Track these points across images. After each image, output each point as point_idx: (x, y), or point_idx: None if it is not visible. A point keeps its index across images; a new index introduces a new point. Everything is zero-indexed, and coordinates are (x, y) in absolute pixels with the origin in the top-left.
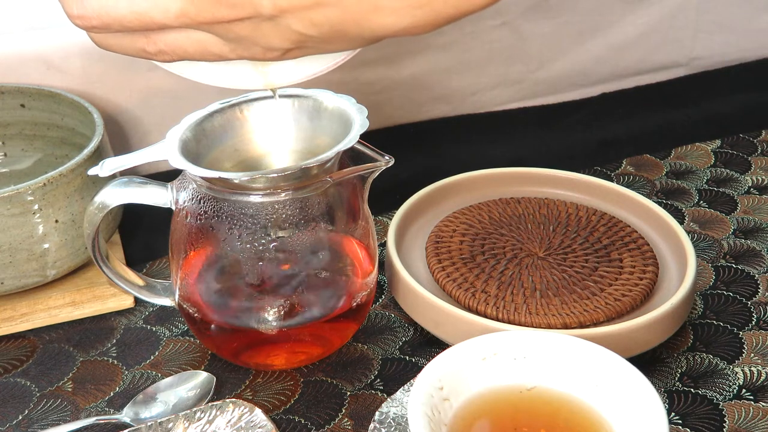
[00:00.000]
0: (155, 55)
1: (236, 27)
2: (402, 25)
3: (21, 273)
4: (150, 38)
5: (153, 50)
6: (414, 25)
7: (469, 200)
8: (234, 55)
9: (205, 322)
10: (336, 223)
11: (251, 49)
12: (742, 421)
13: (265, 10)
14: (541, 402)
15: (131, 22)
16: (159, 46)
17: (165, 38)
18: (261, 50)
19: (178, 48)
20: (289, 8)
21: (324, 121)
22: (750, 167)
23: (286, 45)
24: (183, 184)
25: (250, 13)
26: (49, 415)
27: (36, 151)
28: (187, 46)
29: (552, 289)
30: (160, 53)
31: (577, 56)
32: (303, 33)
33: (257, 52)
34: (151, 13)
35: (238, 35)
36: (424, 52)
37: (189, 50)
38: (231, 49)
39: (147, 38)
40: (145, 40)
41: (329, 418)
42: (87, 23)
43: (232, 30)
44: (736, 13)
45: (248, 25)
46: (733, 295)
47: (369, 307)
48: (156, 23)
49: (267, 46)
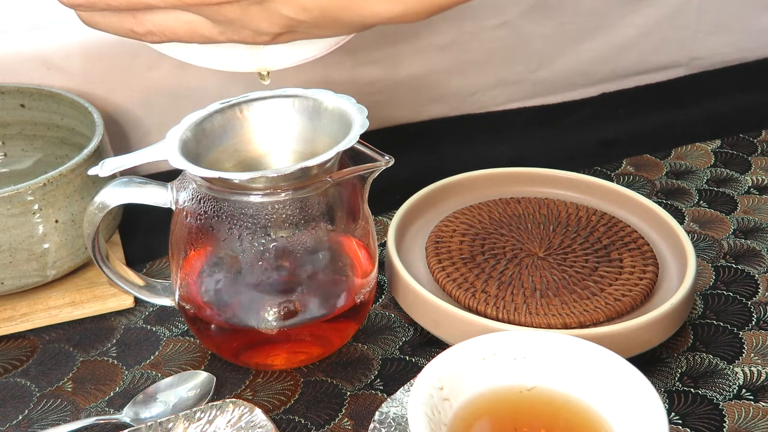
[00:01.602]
0: (144, 36)
1: (225, 9)
2: (394, 12)
3: (21, 273)
4: (138, 18)
5: (141, 31)
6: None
7: (469, 200)
8: (223, 38)
9: (205, 322)
10: (336, 223)
11: (241, 32)
12: (742, 421)
13: None
14: (541, 402)
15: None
16: (147, 26)
17: (153, 18)
18: (251, 34)
19: (166, 29)
20: None
21: (324, 121)
22: (750, 167)
23: (276, 29)
24: (183, 184)
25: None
26: (49, 415)
27: (36, 151)
28: (176, 28)
29: (552, 289)
30: (149, 34)
31: (577, 56)
32: (293, 18)
33: (247, 35)
34: None
35: (227, 18)
36: (424, 52)
37: (178, 32)
38: (220, 31)
39: (135, 18)
40: (133, 20)
41: (329, 418)
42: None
43: (220, 12)
44: (736, 13)
45: (237, 8)
46: (733, 295)
47: (369, 307)
48: (143, 3)
49: (256, 29)
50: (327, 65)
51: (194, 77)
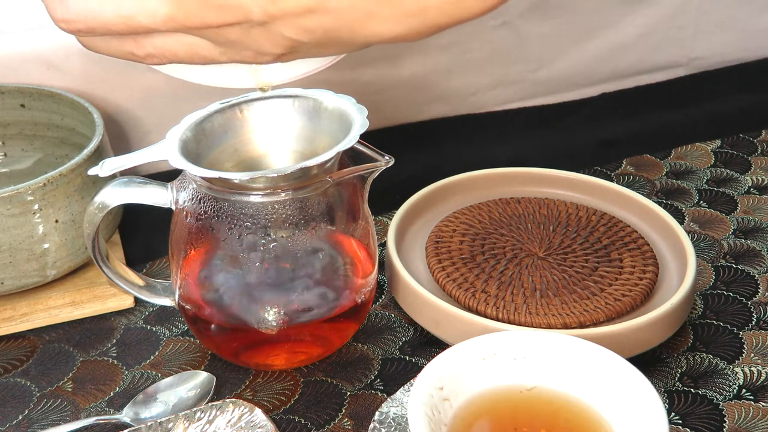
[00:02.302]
0: (144, 59)
1: (226, 32)
2: (395, 32)
3: (21, 273)
4: (138, 42)
5: (142, 54)
6: (407, 33)
7: (469, 200)
8: (225, 59)
9: (205, 322)
10: (336, 223)
11: (242, 53)
12: (742, 421)
13: (255, 16)
14: (541, 402)
15: (117, 26)
16: (148, 49)
17: (154, 42)
18: (252, 54)
19: (167, 51)
20: (279, 15)
21: (324, 121)
22: (750, 167)
23: (278, 50)
24: (183, 184)
25: (239, 18)
26: (49, 415)
27: (36, 151)
28: (176, 50)
29: (552, 289)
30: (149, 57)
31: (577, 56)
32: (295, 39)
33: (248, 56)
34: (137, 17)
35: (229, 39)
36: (424, 52)
37: (179, 54)
38: (221, 52)
39: (135, 42)
40: (133, 43)
41: (329, 418)
42: (72, 27)
43: (222, 34)
44: (736, 13)
45: (238, 30)
46: (733, 295)
47: (369, 307)
48: (143, 27)
49: (259, 50)
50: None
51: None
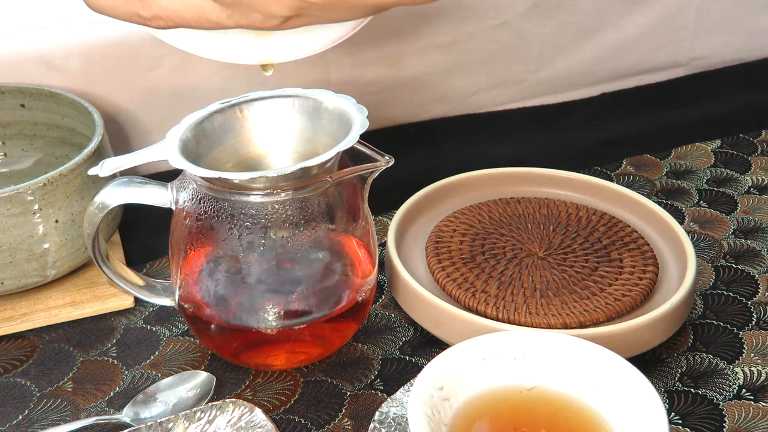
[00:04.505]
0: (150, 20)
1: None
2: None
3: (21, 273)
4: (145, 2)
5: (148, 15)
6: None
7: (469, 200)
8: (231, 22)
9: (205, 322)
10: (336, 223)
11: (249, 15)
12: (742, 421)
13: None
14: (541, 402)
15: None
16: (154, 10)
17: (160, 2)
18: (260, 17)
19: (173, 13)
20: None
21: (324, 121)
22: (750, 167)
23: (286, 12)
24: (183, 184)
25: None
26: (49, 415)
27: (36, 151)
28: (182, 12)
29: (552, 289)
30: (155, 18)
31: (577, 56)
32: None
33: (256, 19)
34: None
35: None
36: (424, 52)
37: (185, 16)
38: (228, 15)
39: (142, 2)
40: (139, 3)
41: (329, 418)
42: None
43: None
44: (736, 13)
45: None
46: (733, 295)
47: (369, 307)
48: None
49: (266, 12)
50: (327, 65)
51: (194, 77)
